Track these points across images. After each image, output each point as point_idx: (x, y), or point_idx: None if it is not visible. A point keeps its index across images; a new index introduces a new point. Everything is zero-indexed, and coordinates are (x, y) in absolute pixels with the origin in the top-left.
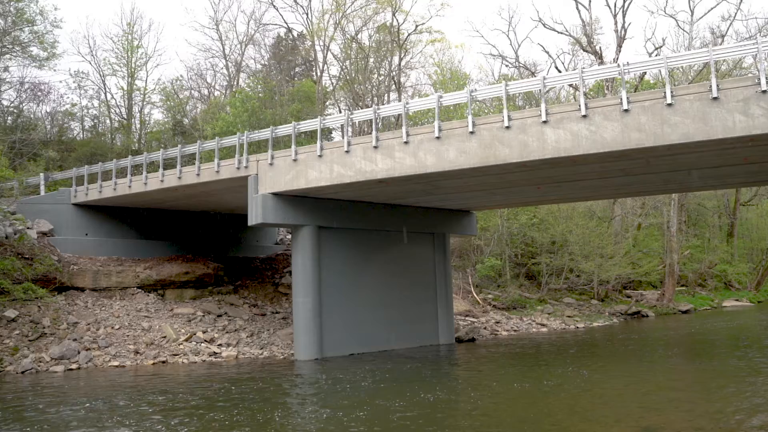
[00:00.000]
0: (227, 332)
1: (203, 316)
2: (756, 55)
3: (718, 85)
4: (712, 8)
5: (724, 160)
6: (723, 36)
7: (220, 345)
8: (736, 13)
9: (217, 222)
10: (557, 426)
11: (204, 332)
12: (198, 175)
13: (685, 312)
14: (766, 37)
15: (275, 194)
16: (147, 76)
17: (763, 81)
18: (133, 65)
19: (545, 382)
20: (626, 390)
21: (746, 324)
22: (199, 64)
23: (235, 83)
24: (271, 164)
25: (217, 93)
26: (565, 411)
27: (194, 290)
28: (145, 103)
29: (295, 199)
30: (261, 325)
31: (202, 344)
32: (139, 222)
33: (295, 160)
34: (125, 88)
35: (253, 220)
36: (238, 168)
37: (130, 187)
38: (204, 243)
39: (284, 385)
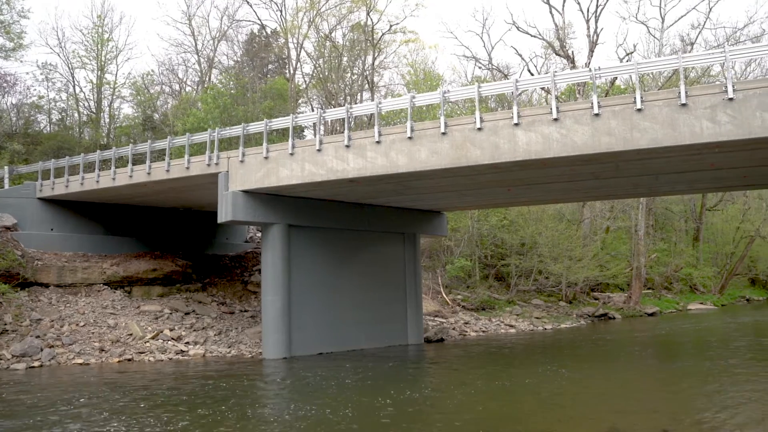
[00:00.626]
0: (195, 330)
1: (171, 313)
2: (724, 63)
3: (686, 92)
4: (682, 16)
5: (691, 165)
6: (692, 44)
7: (187, 343)
8: (705, 22)
9: (187, 219)
10: (525, 424)
11: (171, 330)
12: (168, 171)
13: (651, 315)
14: (733, 46)
15: (246, 192)
16: (117, 70)
17: (729, 89)
18: (103, 58)
19: (507, 383)
20: (593, 391)
21: (711, 326)
22: (171, 59)
23: (207, 79)
24: (242, 161)
25: (188, 89)
26: (532, 410)
27: (162, 287)
28: (114, 97)
29: (266, 197)
30: (229, 323)
31: (169, 342)
32: (107, 218)
33: (266, 158)
34: (94, 81)
35: (222, 217)
36: (208, 165)
37: (97, 182)
38: (173, 240)
39: (253, 383)
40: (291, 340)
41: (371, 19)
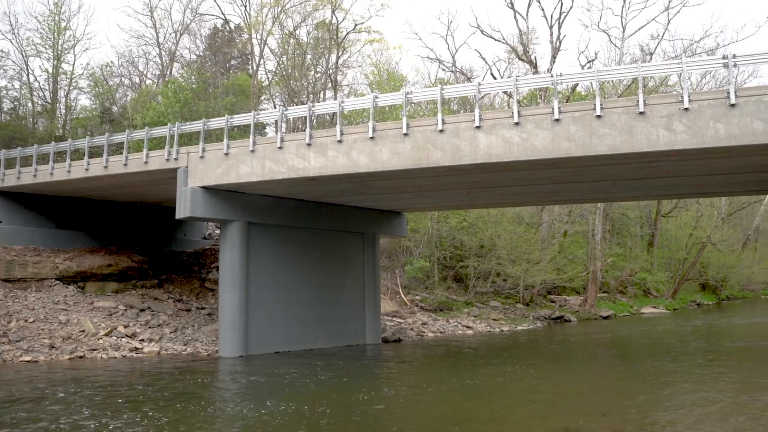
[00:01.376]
0: (150, 327)
1: (125, 310)
2: (681, 74)
3: (644, 101)
4: (642, 27)
5: (648, 172)
6: (651, 54)
7: (142, 340)
8: (663, 33)
9: (144, 214)
10: (476, 423)
11: (125, 327)
12: (125, 165)
13: (606, 318)
14: (690, 58)
15: (205, 188)
16: (75, 60)
17: (686, 99)
18: (59, 47)
19: (468, 381)
20: (548, 392)
21: (664, 330)
22: (131, 51)
23: (168, 73)
24: (201, 157)
25: (149, 82)
26: (484, 410)
27: (117, 283)
28: (71, 87)
29: (226, 194)
30: (185, 320)
31: (123, 339)
32: (60, 211)
33: (226, 154)
34: (50, 70)
35: (181, 213)
36: (167, 159)
37: (51, 174)
38: (129, 235)
39: (209, 381)
40: (248, 339)
41: (336, 18)
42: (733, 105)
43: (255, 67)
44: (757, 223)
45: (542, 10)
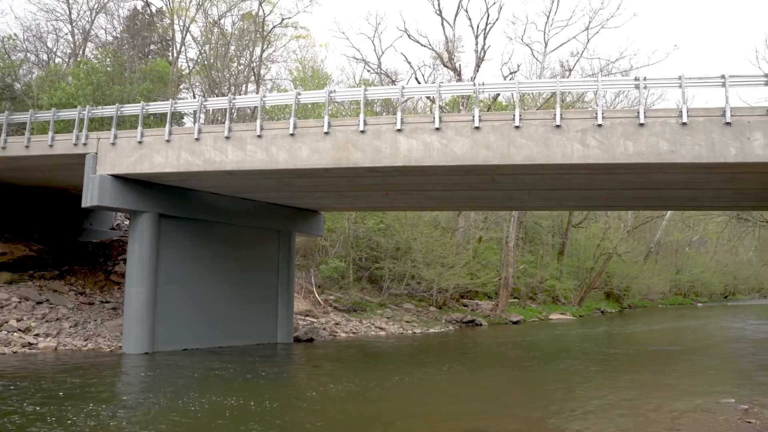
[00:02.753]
0: (47, 321)
1: (19, 302)
2: (596, 91)
3: (561, 115)
4: (563, 43)
5: (561, 184)
6: (570, 70)
7: (37, 335)
8: (583, 51)
9: (46, 200)
10: (379, 426)
11: (19, 320)
12: (27, 147)
13: (516, 323)
14: (606, 77)
15: (115, 176)
16: None
17: (599, 116)
18: None
19: (372, 384)
20: (456, 393)
21: (571, 335)
22: (39, 25)
23: (81, 53)
24: (113, 144)
25: (58, 60)
26: (394, 410)
27: (11, 274)
28: None
29: (137, 184)
30: (88, 314)
31: (15, 334)
32: None
33: (140, 142)
34: None
35: (87, 201)
36: (75, 144)
37: None
38: (28, 222)
39: (109, 378)
40: (155, 335)
41: (263, 10)
42: (642, 124)
43: (175, 55)
44: (659, 237)
45: (469, 19)
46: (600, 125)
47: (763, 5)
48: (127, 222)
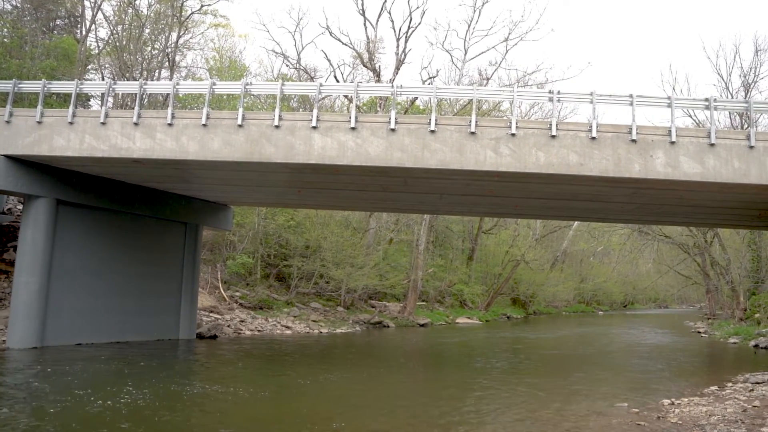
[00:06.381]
0: None
1: None
2: (512, 101)
3: (477, 122)
4: (482, 52)
5: (473, 189)
6: (488, 79)
7: None
8: (501, 62)
9: None
10: (287, 424)
11: None
12: None
13: (423, 325)
14: (521, 88)
15: (8, 157)
16: None
17: (513, 125)
18: None
19: (272, 386)
20: (356, 395)
21: (477, 339)
22: None
23: None
24: (8, 122)
25: None
26: (295, 412)
27: None
28: None
29: (34, 166)
30: None
31: None
32: None
33: (39, 123)
34: None
35: None
36: None
37: None
38: None
39: None
40: (45, 328)
41: None
42: (553, 136)
43: (84, 33)
44: (565, 246)
45: (392, 21)
46: (513, 134)
47: (667, 31)
48: (20, 206)
